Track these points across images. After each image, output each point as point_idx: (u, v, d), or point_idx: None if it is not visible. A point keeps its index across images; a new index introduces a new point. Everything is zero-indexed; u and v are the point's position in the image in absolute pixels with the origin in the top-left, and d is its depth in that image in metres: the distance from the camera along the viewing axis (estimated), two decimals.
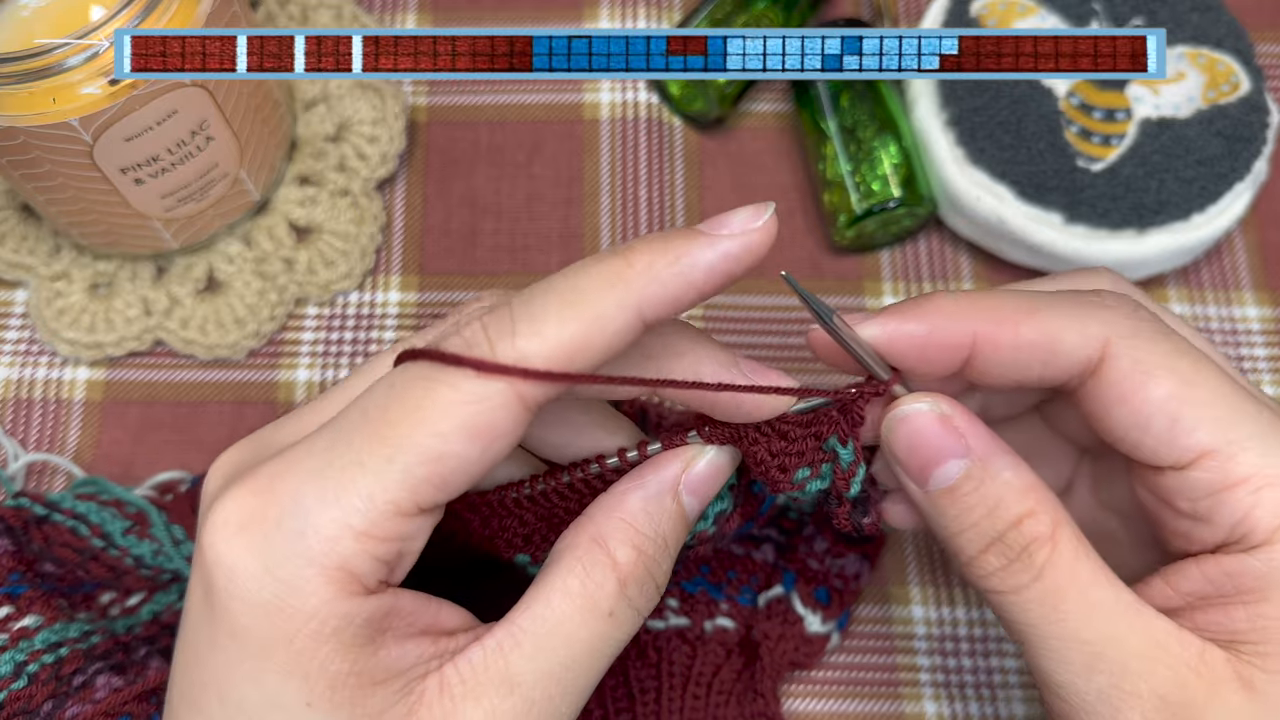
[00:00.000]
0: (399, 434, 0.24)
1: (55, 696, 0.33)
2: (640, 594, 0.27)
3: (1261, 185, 0.45)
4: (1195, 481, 0.26)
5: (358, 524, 0.24)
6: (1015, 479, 0.27)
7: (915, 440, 0.28)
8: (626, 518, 0.27)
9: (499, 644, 0.26)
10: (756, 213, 0.25)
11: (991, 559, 0.27)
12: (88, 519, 0.39)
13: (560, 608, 0.26)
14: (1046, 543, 0.26)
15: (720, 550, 0.39)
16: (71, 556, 0.38)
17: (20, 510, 0.37)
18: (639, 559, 0.27)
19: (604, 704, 0.37)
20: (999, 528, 0.27)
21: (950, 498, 0.27)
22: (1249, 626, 0.26)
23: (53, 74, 0.34)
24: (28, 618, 0.34)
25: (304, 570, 0.24)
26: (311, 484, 0.24)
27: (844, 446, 0.28)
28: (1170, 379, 0.26)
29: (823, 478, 0.28)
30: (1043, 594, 0.26)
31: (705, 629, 0.38)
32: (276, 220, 0.46)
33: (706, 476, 0.28)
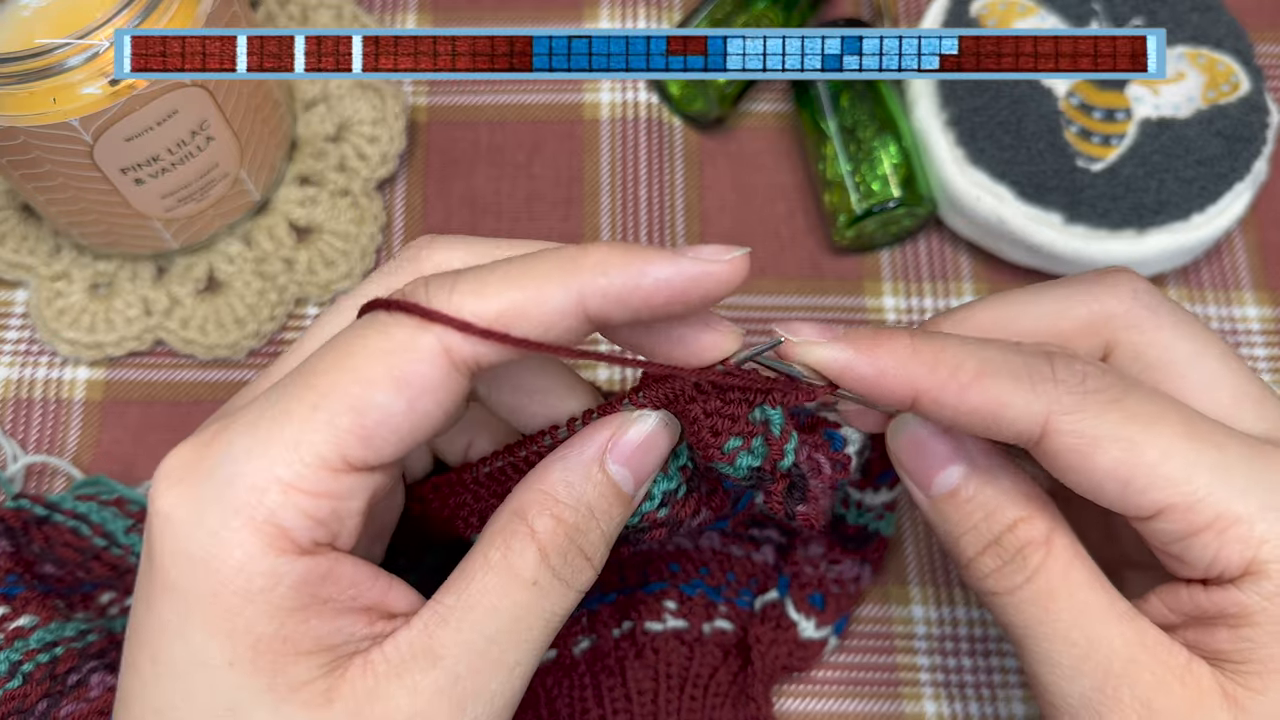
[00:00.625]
0: (326, 381, 0.24)
1: (50, 696, 0.33)
2: (564, 563, 0.27)
3: (1261, 185, 0.45)
4: (1161, 530, 0.26)
5: (284, 474, 0.24)
6: (1013, 485, 0.28)
7: (919, 447, 0.29)
8: (545, 488, 0.27)
9: (424, 623, 0.26)
10: (726, 250, 0.26)
11: (988, 560, 0.28)
12: (89, 519, 0.39)
13: (481, 580, 0.26)
14: (1041, 546, 0.27)
15: (719, 552, 0.39)
16: (73, 556, 0.38)
17: (20, 511, 0.37)
18: (558, 527, 0.27)
19: (602, 704, 0.37)
20: (995, 530, 0.28)
21: (951, 502, 0.28)
22: (1233, 647, 0.26)
23: (53, 74, 0.34)
24: (23, 618, 0.34)
25: (231, 520, 0.24)
26: (244, 434, 0.24)
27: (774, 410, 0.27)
28: (1115, 447, 0.26)
29: (754, 453, 0.27)
30: (1035, 595, 0.27)
31: (703, 631, 0.38)
32: (276, 220, 0.46)
33: (637, 444, 0.28)
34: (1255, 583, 0.26)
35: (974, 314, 0.31)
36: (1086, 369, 0.27)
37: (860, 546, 0.39)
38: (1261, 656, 0.26)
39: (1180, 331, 0.29)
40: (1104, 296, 0.30)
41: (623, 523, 0.28)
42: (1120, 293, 0.30)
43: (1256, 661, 0.26)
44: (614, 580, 0.39)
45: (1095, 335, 0.30)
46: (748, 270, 0.26)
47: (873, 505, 0.38)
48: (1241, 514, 0.26)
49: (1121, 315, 0.29)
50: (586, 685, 0.38)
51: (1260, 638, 0.26)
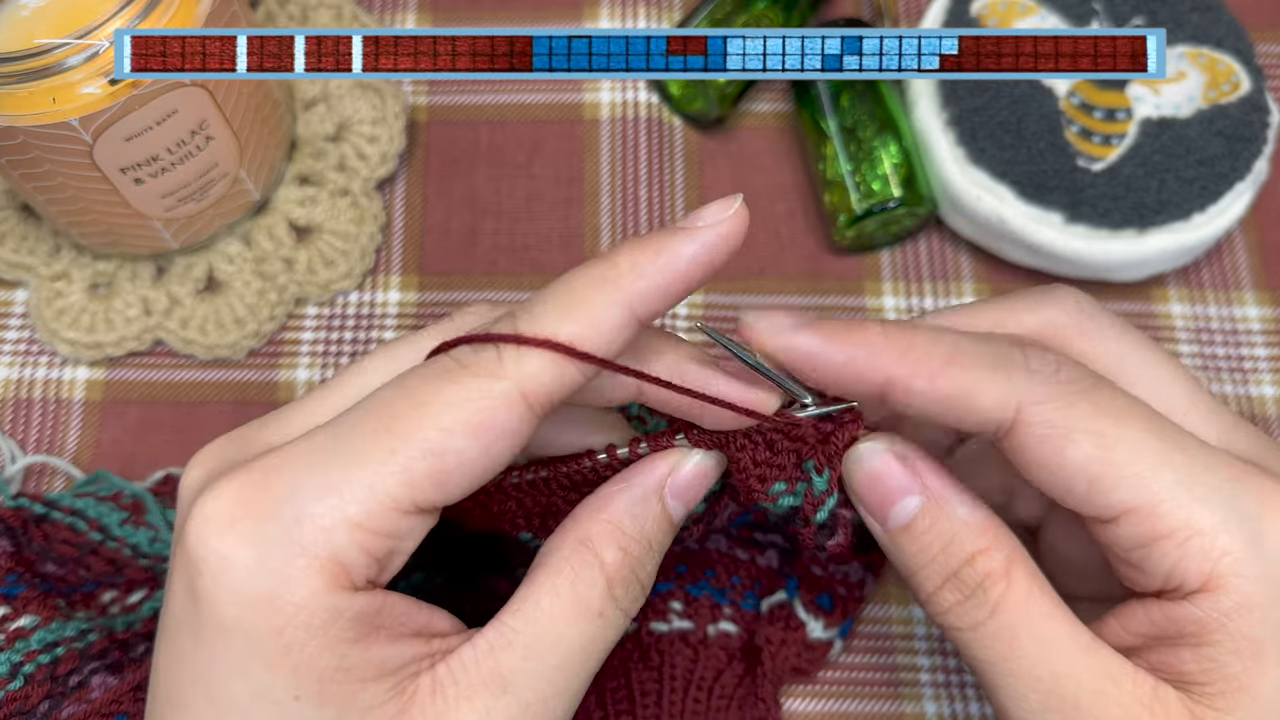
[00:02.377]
0: (403, 427, 0.24)
1: (51, 697, 0.33)
2: (626, 594, 0.27)
3: (1262, 185, 0.45)
4: (1123, 535, 0.26)
5: (355, 515, 0.24)
6: (970, 516, 0.28)
7: (873, 479, 0.28)
8: (613, 520, 0.28)
9: (490, 644, 0.26)
10: (726, 204, 0.26)
11: (948, 595, 0.27)
12: (85, 514, 0.39)
13: (550, 608, 0.26)
14: (1001, 579, 0.27)
15: (724, 555, 0.39)
16: (71, 552, 0.38)
17: (19, 511, 0.37)
18: (625, 560, 0.27)
19: (605, 705, 0.37)
20: (954, 564, 0.27)
21: (907, 534, 0.28)
22: (1196, 668, 0.26)
23: (53, 74, 0.34)
24: (24, 618, 0.34)
25: (296, 560, 0.24)
26: (311, 476, 0.24)
27: (819, 474, 0.28)
28: (1086, 442, 0.26)
29: (796, 495, 0.29)
30: (998, 630, 0.27)
31: (708, 633, 0.38)
32: (276, 220, 0.46)
33: (691, 480, 0.29)
34: (1214, 598, 0.25)
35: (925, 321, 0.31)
36: (1059, 359, 0.27)
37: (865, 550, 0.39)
38: (1225, 675, 0.25)
39: (1127, 340, 0.29)
40: (1048, 307, 0.30)
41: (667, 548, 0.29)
42: (1064, 304, 0.30)
43: (1220, 681, 0.25)
44: None
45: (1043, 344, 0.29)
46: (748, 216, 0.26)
47: None
48: (1203, 525, 0.25)
49: (1068, 325, 0.29)
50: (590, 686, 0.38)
51: (1222, 657, 0.25)
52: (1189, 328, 0.45)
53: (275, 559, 0.24)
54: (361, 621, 0.25)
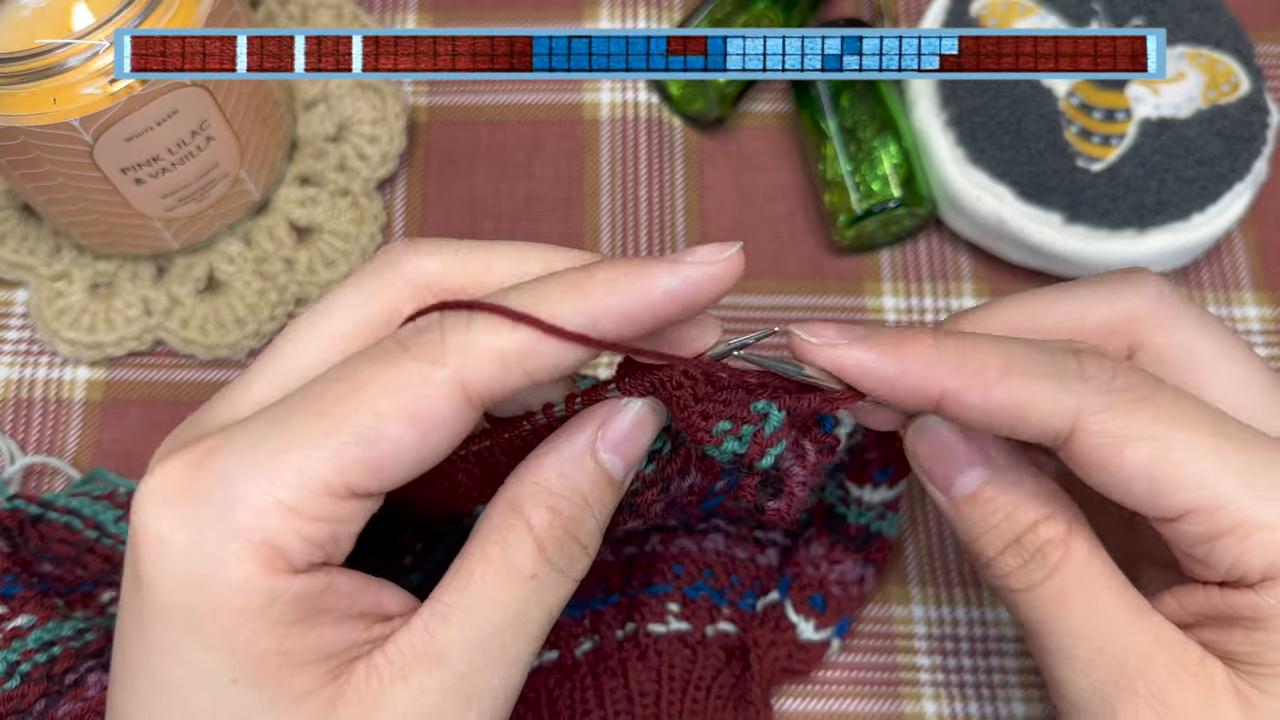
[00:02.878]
0: (338, 411, 0.24)
1: (48, 695, 0.33)
2: (561, 554, 0.27)
3: (1261, 185, 0.45)
4: (1185, 533, 0.26)
5: (286, 498, 0.24)
6: (1033, 486, 0.28)
7: (940, 450, 0.29)
8: (540, 480, 0.27)
9: (424, 622, 0.26)
10: (722, 248, 0.26)
11: (1008, 559, 0.28)
12: (80, 513, 0.39)
13: (480, 577, 0.26)
14: (1060, 545, 0.27)
15: (723, 554, 0.39)
16: (67, 550, 0.38)
17: (15, 511, 0.37)
18: (554, 519, 0.27)
19: (603, 705, 0.37)
20: (1016, 531, 0.28)
21: (972, 504, 0.28)
22: (1246, 649, 0.26)
23: (53, 74, 0.34)
24: (20, 617, 0.34)
25: (229, 544, 0.24)
26: (244, 457, 0.24)
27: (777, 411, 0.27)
28: (1145, 447, 0.26)
29: (741, 439, 0.27)
30: (1052, 591, 0.27)
31: (706, 633, 0.38)
32: (277, 220, 0.46)
33: (626, 432, 0.28)
34: (1273, 588, 0.26)
35: (994, 314, 0.31)
36: (1115, 366, 0.27)
37: (862, 547, 0.39)
38: (1273, 660, 0.26)
39: (1204, 332, 0.29)
40: (1127, 297, 0.29)
41: (614, 507, 0.28)
42: (1145, 293, 0.29)
43: (1269, 665, 0.26)
44: (618, 582, 0.39)
45: (1118, 337, 0.29)
46: (744, 266, 0.26)
47: (873, 503, 0.38)
48: (1265, 520, 0.26)
49: (1145, 316, 0.29)
50: (588, 687, 0.38)
51: (1274, 640, 0.26)
52: None
53: (209, 541, 0.24)
54: (302, 604, 0.24)
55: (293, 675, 0.24)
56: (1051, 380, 0.26)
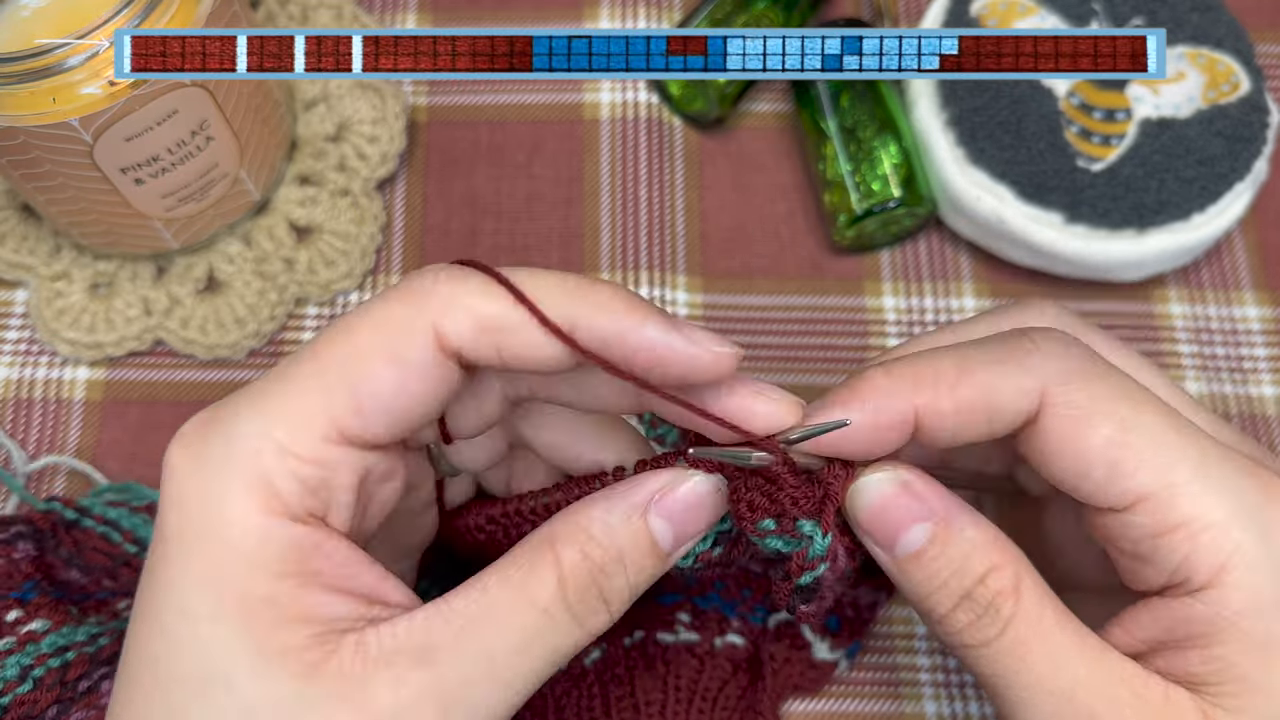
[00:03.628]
0: (327, 353, 0.25)
1: (60, 701, 0.33)
2: (581, 601, 0.26)
3: (1261, 185, 0.45)
4: (1135, 525, 0.26)
5: (280, 437, 0.25)
6: (978, 535, 0.27)
7: (878, 510, 0.28)
8: (580, 523, 0.27)
9: (426, 618, 0.25)
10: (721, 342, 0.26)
11: (960, 615, 0.27)
12: (119, 525, 0.38)
13: (494, 593, 0.26)
14: (1011, 595, 0.26)
15: (738, 568, 0.39)
16: (103, 561, 0.37)
17: (50, 514, 0.37)
18: (583, 563, 0.26)
19: (610, 713, 0.37)
20: (966, 585, 0.27)
21: (917, 562, 0.27)
22: (1205, 669, 0.26)
23: (53, 74, 0.34)
24: (35, 622, 0.34)
25: (227, 478, 0.25)
26: (249, 401, 0.26)
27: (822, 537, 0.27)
28: (1108, 424, 0.26)
29: (787, 543, 0.27)
30: (1010, 645, 0.26)
31: (715, 644, 0.38)
32: (276, 220, 0.46)
33: (685, 502, 0.27)
34: (1220, 597, 0.25)
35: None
36: (1065, 338, 0.27)
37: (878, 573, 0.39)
38: (1235, 675, 0.25)
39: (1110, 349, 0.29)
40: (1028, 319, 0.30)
41: (654, 578, 0.28)
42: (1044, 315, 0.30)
43: (1231, 681, 0.25)
44: None
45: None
46: (734, 366, 0.26)
47: None
48: (1216, 518, 0.25)
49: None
50: (595, 694, 0.38)
51: (1231, 656, 0.25)
52: (1189, 328, 0.45)
53: (209, 476, 0.25)
54: (294, 555, 0.25)
55: (276, 627, 0.24)
56: (1009, 363, 0.26)
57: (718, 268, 0.47)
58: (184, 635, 0.24)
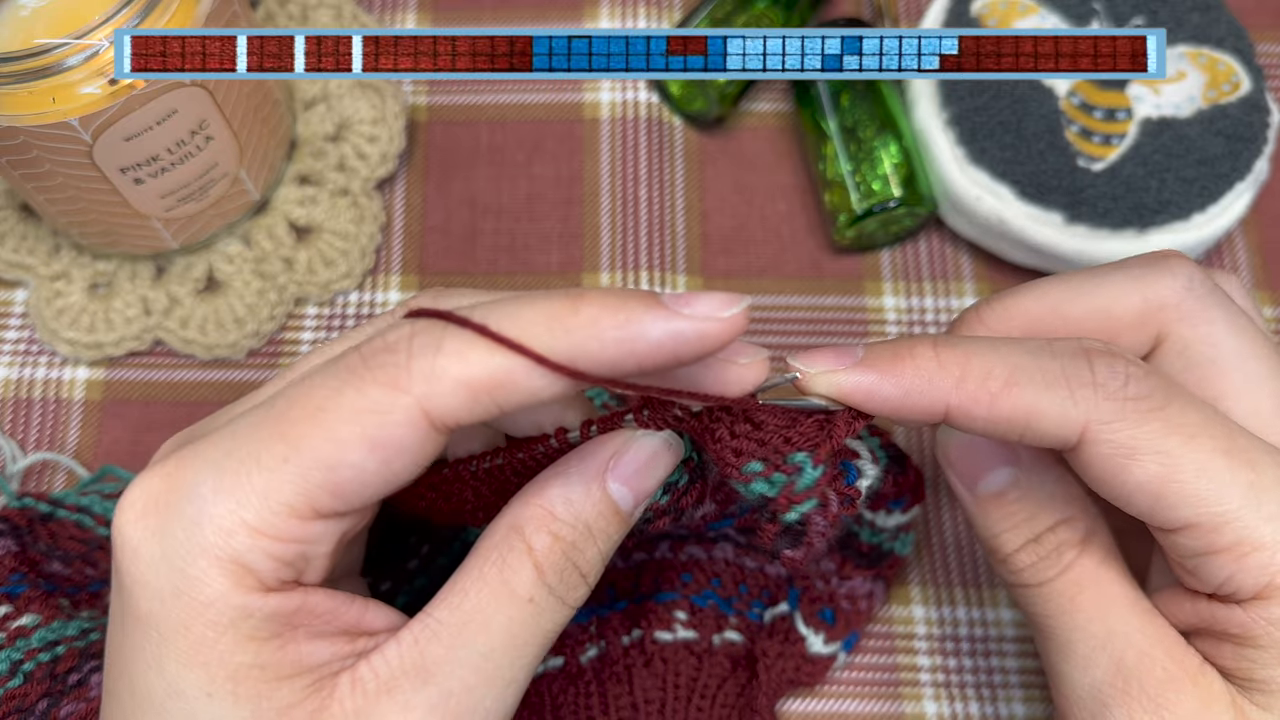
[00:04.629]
0: (297, 434, 0.23)
1: (50, 695, 0.33)
2: (561, 581, 0.26)
3: (1262, 185, 0.45)
4: (1182, 545, 0.26)
5: (252, 520, 0.24)
6: (1057, 488, 0.29)
7: (968, 448, 0.29)
8: (545, 505, 0.26)
9: (415, 637, 0.25)
10: (727, 302, 0.23)
11: (1024, 556, 0.28)
12: (91, 510, 0.39)
13: (476, 596, 0.26)
14: (1076, 545, 0.28)
15: (732, 564, 0.39)
16: (78, 548, 0.38)
17: (25, 510, 0.37)
18: (555, 545, 0.26)
19: (608, 712, 0.37)
20: (1037, 530, 0.28)
21: (996, 503, 0.29)
22: (1235, 665, 0.26)
23: (52, 74, 0.34)
24: (25, 616, 0.34)
25: (199, 560, 0.24)
26: (210, 474, 0.24)
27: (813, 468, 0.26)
28: (1152, 461, 0.25)
29: (772, 484, 0.26)
30: (1064, 586, 0.28)
31: (713, 642, 0.38)
32: (276, 220, 0.46)
33: (638, 465, 0.27)
34: (1264, 607, 0.26)
35: (1021, 302, 0.30)
36: (1129, 370, 0.26)
37: (874, 564, 0.39)
38: (1264, 677, 0.26)
39: (1230, 328, 0.29)
40: (1158, 284, 0.29)
41: (620, 539, 0.28)
42: (1174, 281, 0.29)
43: (1261, 682, 0.26)
44: (626, 587, 0.39)
45: (1145, 326, 0.29)
46: (746, 324, 0.24)
47: (886, 527, 0.38)
48: (1265, 541, 0.25)
49: (1174, 306, 0.29)
50: (593, 693, 0.37)
51: (1264, 659, 0.26)
52: None
53: (179, 556, 0.24)
54: (276, 620, 0.24)
55: (271, 689, 0.24)
56: (1059, 389, 0.26)
57: (718, 268, 0.46)
58: (177, 714, 0.24)
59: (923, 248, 0.47)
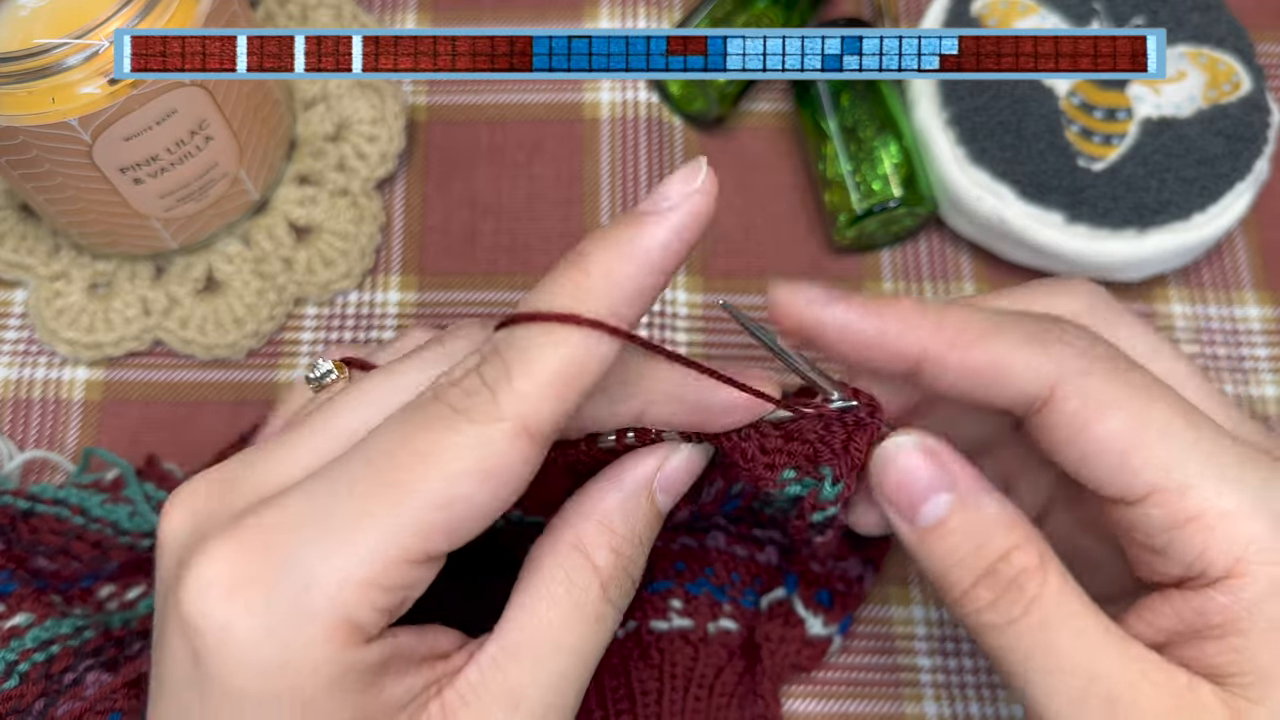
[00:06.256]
0: (410, 479, 0.24)
1: (46, 695, 0.33)
2: (620, 593, 0.28)
3: (1262, 185, 0.45)
4: (1149, 517, 0.26)
5: (365, 574, 0.24)
6: (1001, 512, 0.27)
7: (903, 477, 0.28)
8: (604, 521, 0.28)
9: (494, 660, 0.26)
10: (691, 174, 0.25)
11: (983, 592, 0.27)
12: (67, 502, 0.39)
13: (547, 617, 0.26)
14: (1036, 573, 0.26)
15: (724, 552, 0.39)
16: (57, 542, 0.38)
17: (5, 508, 0.37)
18: (617, 561, 0.27)
19: (605, 704, 0.37)
20: (988, 560, 0.27)
21: (937, 534, 0.27)
22: (1224, 660, 0.26)
23: (52, 74, 0.34)
24: (18, 616, 0.34)
25: (307, 627, 0.23)
26: (314, 539, 0.24)
27: (832, 484, 0.28)
28: (1119, 416, 0.26)
29: (804, 486, 0.29)
30: (1035, 625, 0.26)
31: (708, 631, 0.38)
32: (276, 220, 0.46)
33: (681, 473, 0.29)
34: (1239, 587, 0.25)
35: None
36: (1093, 336, 0.27)
37: (863, 545, 0.39)
38: (1253, 667, 0.25)
39: (1138, 335, 0.29)
40: (1062, 299, 0.30)
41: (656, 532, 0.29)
42: (1078, 297, 0.30)
43: (1250, 673, 0.25)
44: None
45: None
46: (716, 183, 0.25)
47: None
48: (1231, 509, 0.25)
49: (1079, 316, 0.29)
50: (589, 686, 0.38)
51: (1249, 646, 0.25)
52: (1189, 328, 0.45)
53: (285, 628, 0.23)
54: (373, 669, 0.25)
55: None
56: (1032, 343, 0.26)
57: (718, 268, 0.46)
58: None
59: (923, 248, 0.47)
